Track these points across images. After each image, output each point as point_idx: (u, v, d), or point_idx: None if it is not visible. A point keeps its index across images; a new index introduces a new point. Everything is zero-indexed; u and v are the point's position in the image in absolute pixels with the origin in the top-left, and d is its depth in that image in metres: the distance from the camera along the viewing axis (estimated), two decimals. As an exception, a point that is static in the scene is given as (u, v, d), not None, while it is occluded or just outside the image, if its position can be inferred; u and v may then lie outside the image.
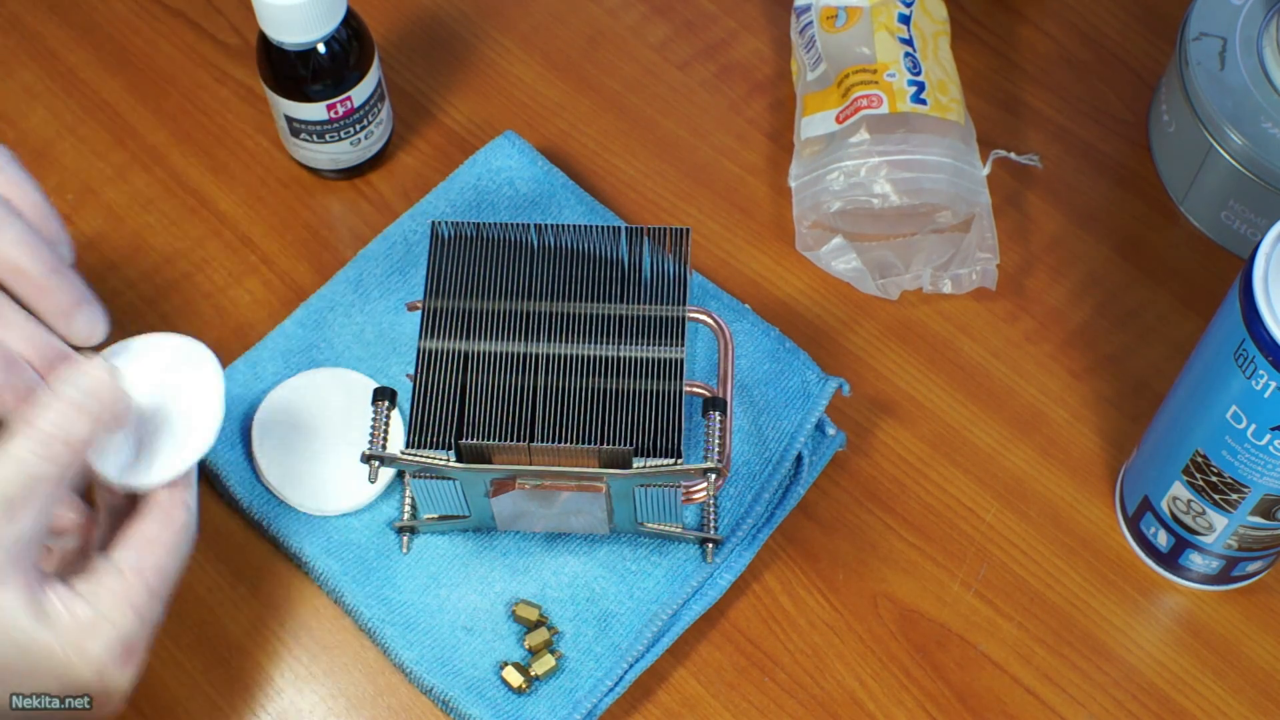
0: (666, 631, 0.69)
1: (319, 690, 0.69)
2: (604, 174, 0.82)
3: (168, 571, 0.60)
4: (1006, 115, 0.84)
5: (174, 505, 0.61)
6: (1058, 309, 0.79)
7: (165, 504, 0.61)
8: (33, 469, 0.57)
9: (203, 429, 0.62)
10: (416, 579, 0.70)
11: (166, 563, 0.60)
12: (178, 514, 0.61)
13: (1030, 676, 0.70)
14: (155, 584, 0.59)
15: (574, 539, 0.71)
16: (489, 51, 0.86)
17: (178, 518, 0.61)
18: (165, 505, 0.61)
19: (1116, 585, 0.72)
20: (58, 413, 0.58)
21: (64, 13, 0.87)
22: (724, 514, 0.71)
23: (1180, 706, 0.70)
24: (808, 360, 0.74)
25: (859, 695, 0.69)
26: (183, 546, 0.61)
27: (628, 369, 0.66)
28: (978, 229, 0.77)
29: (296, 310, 0.76)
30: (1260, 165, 0.76)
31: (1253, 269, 0.59)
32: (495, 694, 0.67)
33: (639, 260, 0.68)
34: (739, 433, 0.73)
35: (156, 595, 0.60)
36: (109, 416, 0.59)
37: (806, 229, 0.79)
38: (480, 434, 0.64)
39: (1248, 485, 0.64)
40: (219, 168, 0.82)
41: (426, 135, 0.83)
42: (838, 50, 0.80)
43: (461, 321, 0.67)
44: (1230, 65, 0.77)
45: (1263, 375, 0.59)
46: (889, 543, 0.73)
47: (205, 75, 0.85)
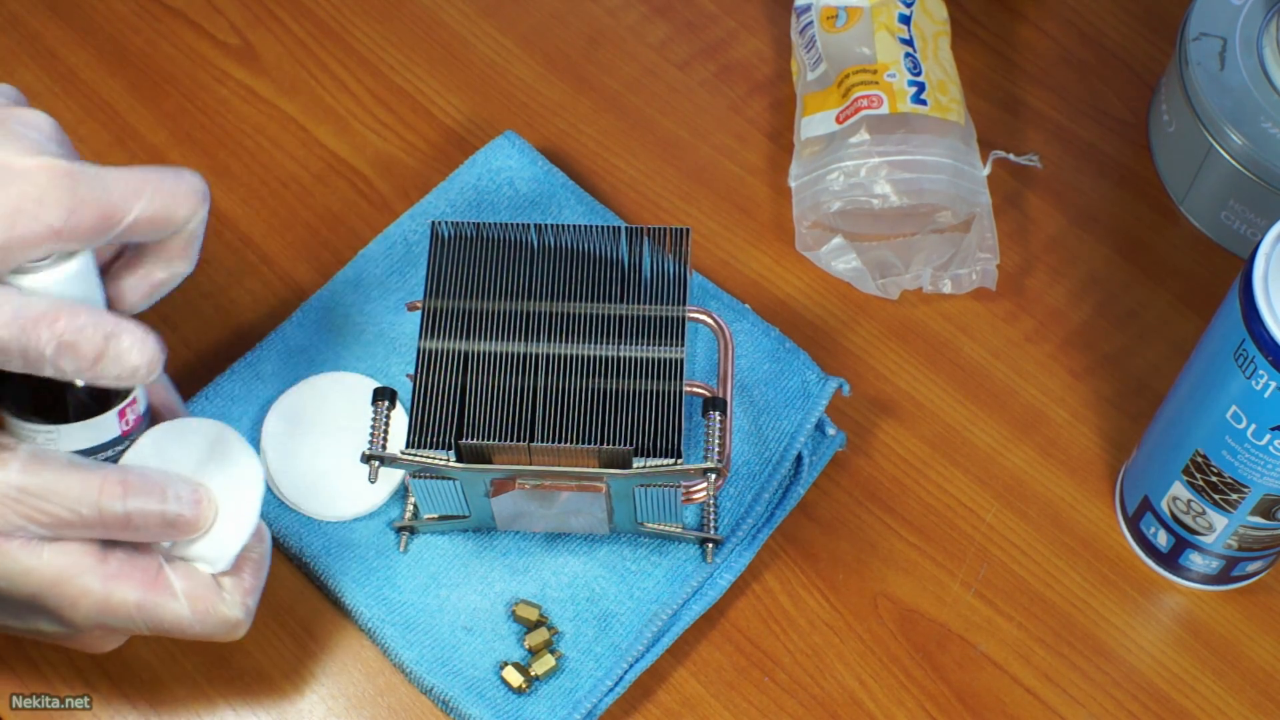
0: (666, 631, 0.69)
1: (319, 690, 0.69)
2: (604, 174, 0.82)
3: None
4: (1006, 115, 0.84)
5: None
6: (1058, 309, 0.79)
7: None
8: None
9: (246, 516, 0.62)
10: (416, 579, 0.70)
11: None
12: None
13: (1030, 676, 0.70)
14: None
15: (574, 539, 0.71)
16: (489, 51, 0.86)
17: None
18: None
19: (1116, 585, 0.72)
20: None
21: (64, 13, 0.87)
22: (724, 514, 0.71)
23: (1180, 706, 0.70)
24: (808, 360, 0.74)
25: (859, 695, 0.69)
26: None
27: (628, 369, 0.66)
28: (978, 229, 0.77)
29: (296, 311, 0.76)
30: (1260, 165, 0.76)
31: (1253, 269, 0.59)
32: (495, 694, 0.67)
33: (639, 260, 0.68)
34: (739, 433, 0.73)
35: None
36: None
37: (806, 229, 0.79)
38: (480, 434, 0.64)
39: (1248, 485, 0.64)
40: (219, 168, 0.82)
41: (426, 135, 0.83)
42: (838, 50, 0.80)
43: (461, 321, 0.67)
44: (1230, 65, 0.77)
45: (1263, 375, 0.59)
46: (889, 543, 0.73)
47: (205, 75, 0.85)
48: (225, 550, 0.61)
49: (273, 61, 0.85)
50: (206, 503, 0.61)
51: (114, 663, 0.68)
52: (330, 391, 0.74)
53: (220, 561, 0.61)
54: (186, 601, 0.61)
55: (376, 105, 0.84)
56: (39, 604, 0.60)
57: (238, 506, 0.62)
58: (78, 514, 0.58)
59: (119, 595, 0.60)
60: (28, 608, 0.60)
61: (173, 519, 0.60)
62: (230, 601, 0.62)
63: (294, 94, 0.84)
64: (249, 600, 0.62)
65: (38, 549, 0.58)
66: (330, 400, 0.73)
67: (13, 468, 0.57)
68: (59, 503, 0.58)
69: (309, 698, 0.69)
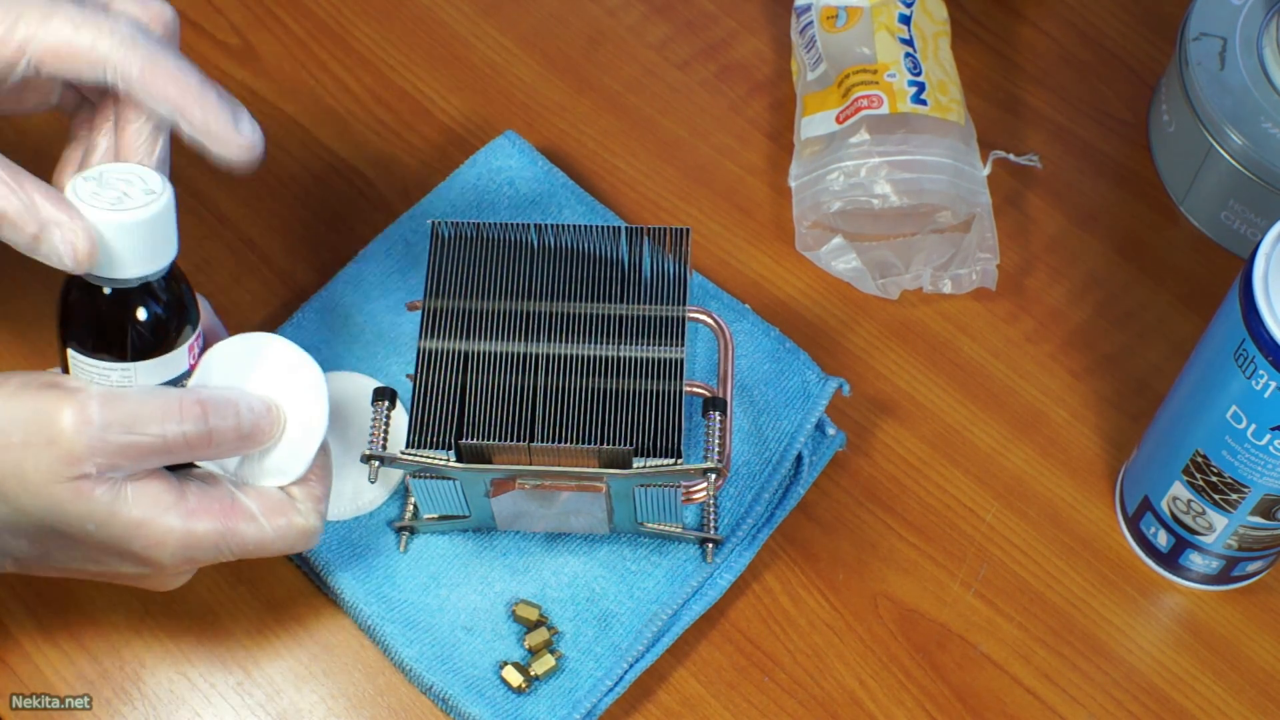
0: (666, 631, 0.69)
1: (319, 690, 0.69)
2: (604, 174, 0.82)
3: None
4: (1006, 115, 0.85)
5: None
6: (1058, 309, 0.79)
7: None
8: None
9: (315, 428, 0.63)
10: (417, 578, 0.70)
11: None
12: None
13: (1030, 676, 0.70)
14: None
15: (574, 539, 0.71)
16: (489, 51, 0.86)
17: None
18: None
19: (1116, 585, 0.72)
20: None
21: (64, 13, 0.87)
22: (724, 514, 0.71)
23: (1180, 706, 0.70)
24: (808, 360, 0.74)
25: (859, 695, 0.69)
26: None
27: (628, 369, 0.66)
28: (978, 229, 0.77)
29: (297, 311, 0.76)
30: (1260, 165, 0.76)
31: (1253, 269, 0.59)
32: (495, 693, 0.67)
33: (639, 260, 0.68)
34: (739, 433, 0.73)
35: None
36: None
37: (806, 229, 0.79)
38: (480, 434, 0.65)
39: (1248, 485, 0.64)
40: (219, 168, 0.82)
41: (426, 135, 0.83)
42: (838, 50, 0.80)
43: (461, 321, 0.67)
44: (1230, 65, 0.77)
45: (1263, 375, 0.59)
46: (889, 543, 0.73)
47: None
48: (299, 458, 0.63)
49: (273, 61, 0.85)
50: (276, 411, 0.62)
51: (114, 662, 0.69)
52: (330, 391, 0.74)
53: (295, 470, 0.63)
54: (266, 520, 0.62)
55: (376, 105, 0.84)
56: (124, 547, 0.60)
57: (304, 413, 0.63)
58: (163, 439, 0.59)
59: (202, 528, 0.61)
60: (112, 551, 0.61)
61: (249, 431, 0.61)
62: (305, 509, 0.63)
63: (294, 94, 0.84)
64: (321, 507, 0.64)
65: (121, 491, 0.59)
66: (330, 400, 0.73)
67: (92, 406, 0.58)
68: (144, 431, 0.58)
69: (309, 698, 0.69)
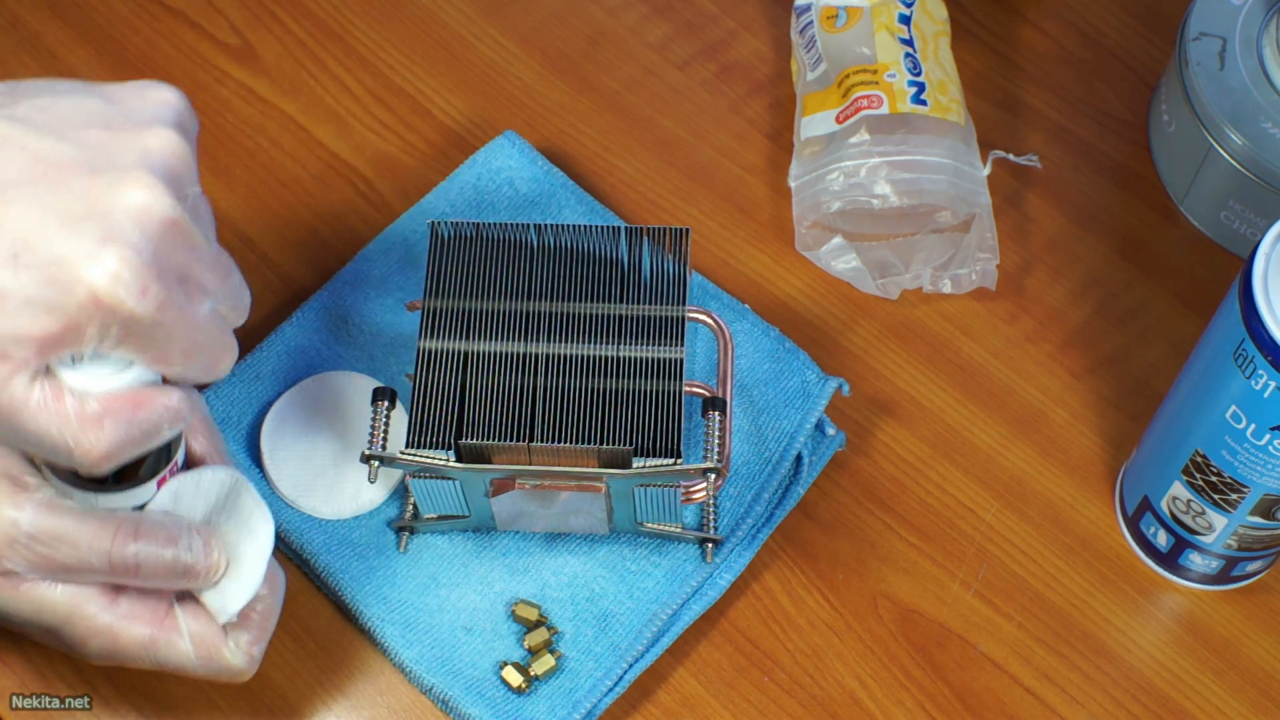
0: (666, 631, 0.69)
1: (319, 690, 0.69)
2: (604, 174, 0.82)
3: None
4: (1006, 115, 0.84)
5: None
6: (1058, 309, 0.79)
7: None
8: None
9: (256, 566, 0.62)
10: (416, 579, 0.70)
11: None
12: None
13: (1030, 676, 0.70)
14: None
15: (574, 539, 0.71)
16: (489, 51, 0.86)
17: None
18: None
19: (1116, 585, 0.72)
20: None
21: (64, 13, 0.87)
22: (724, 514, 0.71)
23: (1180, 706, 0.70)
24: (807, 360, 0.74)
25: (859, 695, 0.69)
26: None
27: (628, 369, 0.66)
28: (977, 229, 0.77)
29: (296, 311, 0.76)
30: (1260, 165, 0.76)
31: (1252, 269, 0.59)
32: (495, 694, 0.67)
33: (639, 260, 0.68)
34: (739, 433, 0.73)
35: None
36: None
37: (806, 229, 0.79)
38: (480, 434, 0.65)
39: (1247, 485, 0.64)
40: (219, 168, 0.82)
41: (426, 135, 0.83)
42: (838, 50, 0.80)
43: (461, 321, 0.67)
44: (1230, 65, 0.77)
45: (1262, 375, 0.59)
46: (889, 543, 0.73)
47: (205, 75, 0.85)
48: (231, 602, 0.62)
49: (273, 61, 0.85)
50: (219, 553, 0.61)
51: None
52: (330, 391, 0.74)
53: (225, 613, 0.62)
54: (192, 644, 0.61)
55: (376, 105, 0.84)
56: (52, 637, 0.61)
57: (247, 558, 0.62)
58: (87, 562, 0.59)
59: (128, 634, 0.61)
60: (46, 636, 0.61)
61: (184, 568, 0.60)
62: (234, 650, 0.62)
63: (294, 94, 0.84)
64: (254, 650, 0.63)
65: (51, 587, 0.59)
66: (330, 400, 0.73)
67: (25, 512, 0.58)
68: (69, 551, 0.58)
69: (308, 697, 0.69)
